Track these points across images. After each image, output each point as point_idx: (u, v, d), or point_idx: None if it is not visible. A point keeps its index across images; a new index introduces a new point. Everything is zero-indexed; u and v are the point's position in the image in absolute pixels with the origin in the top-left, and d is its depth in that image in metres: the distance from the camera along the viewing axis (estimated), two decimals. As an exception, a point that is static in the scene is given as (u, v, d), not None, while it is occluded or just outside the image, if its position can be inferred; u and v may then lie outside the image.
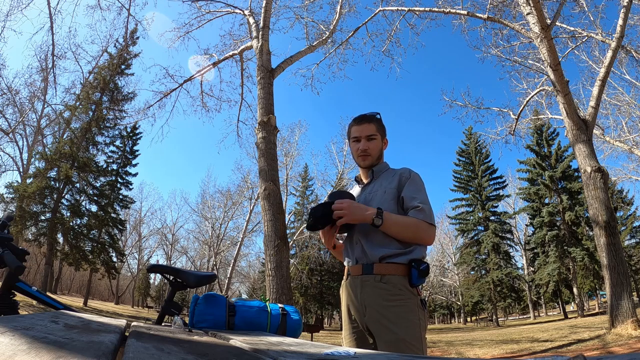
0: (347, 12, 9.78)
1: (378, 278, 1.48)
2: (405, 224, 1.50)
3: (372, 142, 1.68)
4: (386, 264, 1.49)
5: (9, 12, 9.20)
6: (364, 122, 1.70)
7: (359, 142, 1.69)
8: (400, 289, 1.46)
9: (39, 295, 1.60)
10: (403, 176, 1.62)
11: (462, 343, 11.23)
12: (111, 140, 24.24)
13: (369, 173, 1.73)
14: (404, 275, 1.48)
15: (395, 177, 1.64)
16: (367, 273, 1.52)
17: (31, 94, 18.97)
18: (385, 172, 1.72)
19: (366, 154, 1.68)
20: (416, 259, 1.49)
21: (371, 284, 1.49)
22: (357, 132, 1.69)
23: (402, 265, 1.48)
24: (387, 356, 0.72)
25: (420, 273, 1.46)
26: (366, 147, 1.67)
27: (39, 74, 14.21)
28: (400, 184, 1.61)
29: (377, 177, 1.71)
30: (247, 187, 23.47)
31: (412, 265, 1.48)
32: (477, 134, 30.63)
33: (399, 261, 1.49)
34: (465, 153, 32.87)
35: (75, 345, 0.51)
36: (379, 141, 1.70)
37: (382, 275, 1.48)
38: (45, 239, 20.18)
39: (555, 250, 24.95)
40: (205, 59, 10.07)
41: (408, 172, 1.65)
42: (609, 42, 9.15)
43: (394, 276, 1.47)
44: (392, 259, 1.49)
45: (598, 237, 7.33)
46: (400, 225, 1.49)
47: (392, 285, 1.46)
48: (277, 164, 6.44)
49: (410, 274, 1.47)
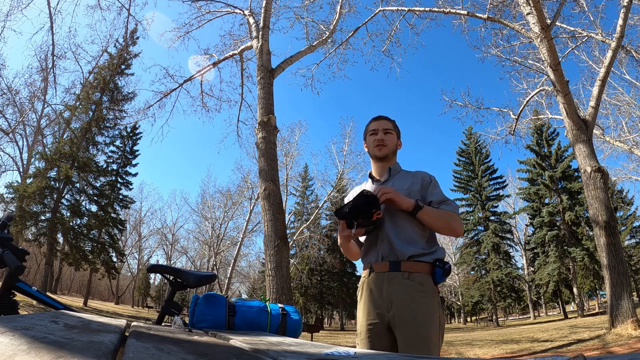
0: (347, 12, 9.78)
1: (406, 275, 1.55)
2: (441, 213, 1.61)
3: (388, 135, 1.79)
4: (413, 262, 1.56)
5: (9, 12, 9.20)
6: (382, 118, 1.84)
7: (376, 134, 1.79)
8: (425, 286, 1.53)
9: (39, 295, 1.60)
10: (425, 180, 1.72)
11: (462, 343, 11.23)
12: (111, 140, 24.25)
13: (385, 170, 1.79)
14: (428, 274, 1.56)
15: (417, 180, 1.72)
16: (394, 270, 1.57)
17: (31, 94, 18.97)
18: (400, 173, 1.79)
19: (383, 144, 1.77)
20: (440, 258, 1.59)
21: (399, 280, 1.55)
22: (375, 126, 1.82)
23: (428, 264, 1.57)
24: (387, 356, 0.73)
25: (444, 272, 1.56)
26: (382, 137, 1.78)
27: (39, 74, 14.20)
28: (423, 187, 1.70)
29: (394, 175, 1.78)
30: (247, 187, 23.47)
31: (436, 264, 1.56)
32: (477, 134, 30.62)
33: (425, 260, 1.57)
34: (465, 153, 32.86)
35: (75, 345, 0.51)
36: (394, 137, 1.81)
37: (410, 273, 1.55)
38: (45, 239, 20.17)
39: (555, 250, 24.95)
40: (205, 59, 10.07)
41: (428, 176, 1.74)
42: (609, 42, 9.14)
43: (421, 274, 1.55)
44: (419, 257, 1.57)
45: (598, 237, 7.33)
46: (437, 213, 1.60)
47: (418, 282, 1.53)
48: (277, 164, 6.44)
49: (434, 272, 1.56)
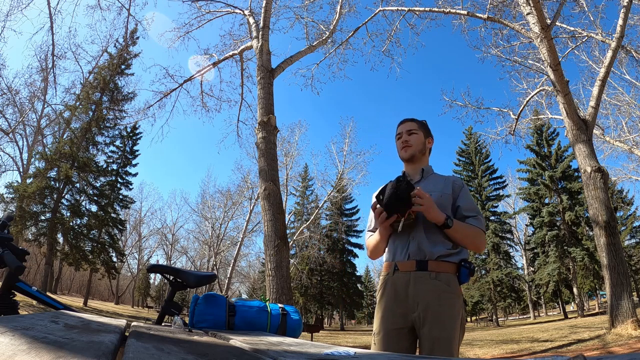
0: (347, 12, 9.78)
1: (433, 275, 1.54)
2: (469, 231, 1.61)
3: (412, 136, 1.82)
4: (440, 262, 1.57)
5: (9, 12, 9.20)
6: (406, 121, 1.88)
7: (401, 137, 1.84)
8: (452, 286, 1.54)
9: (39, 295, 1.60)
10: (456, 184, 1.74)
11: (462, 343, 11.19)
12: (111, 140, 24.23)
13: (419, 172, 1.82)
14: (454, 274, 1.57)
15: (448, 183, 1.74)
16: (421, 269, 1.56)
17: (31, 94, 18.97)
18: (432, 175, 1.82)
19: (407, 145, 1.81)
20: (465, 258, 1.61)
21: (426, 280, 1.54)
22: (400, 130, 1.87)
23: (454, 264, 1.58)
24: (388, 356, 0.73)
25: (469, 272, 1.58)
26: (407, 139, 1.82)
27: (39, 74, 14.20)
28: (454, 191, 1.72)
29: (427, 177, 1.80)
30: (247, 187, 23.46)
31: (462, 264, 1.58)
32: (477, 134, 30.60)
33: (451, 260, 1.58)
34: (465, 153, 32.84)
35: (75, 345, 0.51)
36: (420, 136, 1.83)
37: (437, 273, 1.54)
38: (45, 239, 20.16)
39: (555, 250, 24.94)
40: (205, 59, 10.07)
41: (460, 181, 1.77)
42: (609, 42, 9.14)
43: (447, 274, 1.55)
44: (446, 257, 1.58)
45: (598, 237, 7.33)
46: (465, 231, 1.60)
47: (445, 282, 1.54)
48: (277, 164, 6.44)
49: (460, 272, 1.58)
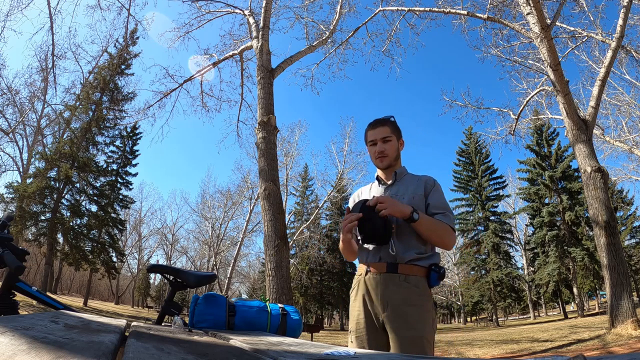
0: (347, 12, 9.78)
1: (403, 277, 1.58)
2: (436, 225, 1.61)
3: (387, 144, 1.78)
4: (411, 265, 1.60)
5: (9, 12, 9.20)
6: (378, 125, 1.80)
7: (376, 145, 1.78)
8: (421, 289, 1.57)
9: (39, 295, 1.60)
10: (428, 184, 1.74)
11: (462, 343, 11.23)
12: (111, 140, 24.23)
13: (391, 175, 1.81)
14: (424, 277, 1.60)
15: (421, 183, 1.74)
16: (391, 272, 1.60)
17: (31, 94, 18.96)
18: (406, 176, 1.81)
19: (383, 155, 1.77)
20: (436, 263, 1.63)
21: (396, 282, 1.58)
22: (373, 136, 1.79)
23: (424, 268, 1.61)
24: (388, 356, 0.73)
25: (439, 276, 1.60)
26: (382, 148, 1.77)
27: (39, 74, 14.18)
28: (426, 190, 1.72)
29: (400, 179, 1.80)
30: (247, 187, 23.46)
31: (432, 268, 1.61)
32: (477, 134, 30.61)
33: (421, 264, 1.61)
34: (465, 153, 32.84)
35: (75, 345, 0.51)
36: (394, 142, 1.80)
37: (407, 276, 1.58)
38: (45, 239, 20.16)
39: (555, 250, 24.94)
40: (205, 59, 10.07)
41: (432, 180, 1.77)
42: (609, 42, 9.14)
43: (417, 277, 1.59)
44: (416, 261, 1.61)
45: (598, 237, 7.33)
46: (432, 225, 1.60)
47: (414, 285, 1.57)
48: (277, 164, 6.44)
49: (430, 276, 1.60)
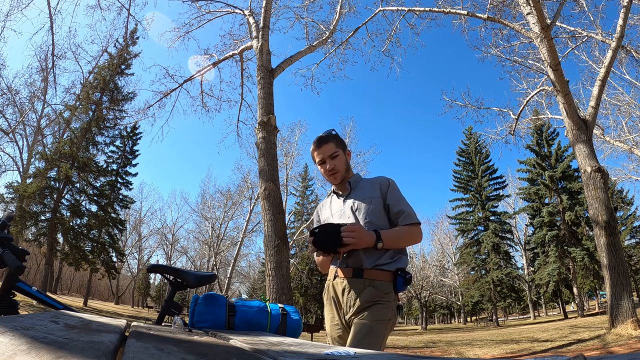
0: (347, 12, 9.79)
1: (367, 282, 1.60)
2: (401, 236, 1.65)
3: (336, 159, 1.80)
4: (376, 270, 1.62)
5: (9, 12, 9.20)
6: (323, 143, 1.81)
7: (325, 164, 1.80)
8: (385, 292, 1.60)
9: (39, 295, 1.60)
10: (383, 184, 1.76)
11: (462, 343, 11.23)
12: (111, 140, 24.26)
13: (346, 185, 1.83)
14: (390, 282, 1.62)
15: (375, 186, 1.76)
16: (357, 277, 1.62)
17: (31, 94, 18.99)
18: (361, 182, 1.84)
19: (334, 172, 1.79)
20: (402, 267, 1.64)
21: (360, 287, 1.61)
22: (320, 155, 1.81)
23: (389, 272, 1.62)
24: (388, 356, 0.72)
25: (405, 281, 1.61)
26: (332, 165, 1.79)
27: (39, 74, 14.18)
28: (382, 192, 1.74)
29: (355, 187, 1.82)
30: (247, 187, 23.47)
31: (398, 273, 1.62)
32: (477, 134, 30.66)
33: (387, 268, 1.62)
34: (465, 153, 32.85)
35: (75, 345, 0.51)
36: (342, 156, 1.82)
37: (372, 280, 1.60)
38: (45, 239, 20.17)
39: (555, 250, 24.94)
40: (205, 59, 10.08)
41: (387, 180, 1.78)
42: (609, 42, 9.14)
43: (382, 282, 1.61)
44: (382, 266, 1.62)
45: (598, 237, 7.33)
46: (397, 239, 1.64)
47: (378, 289, 1.59)
48: (277, 164, 6.44)
49: (396, 280, 1.61)
